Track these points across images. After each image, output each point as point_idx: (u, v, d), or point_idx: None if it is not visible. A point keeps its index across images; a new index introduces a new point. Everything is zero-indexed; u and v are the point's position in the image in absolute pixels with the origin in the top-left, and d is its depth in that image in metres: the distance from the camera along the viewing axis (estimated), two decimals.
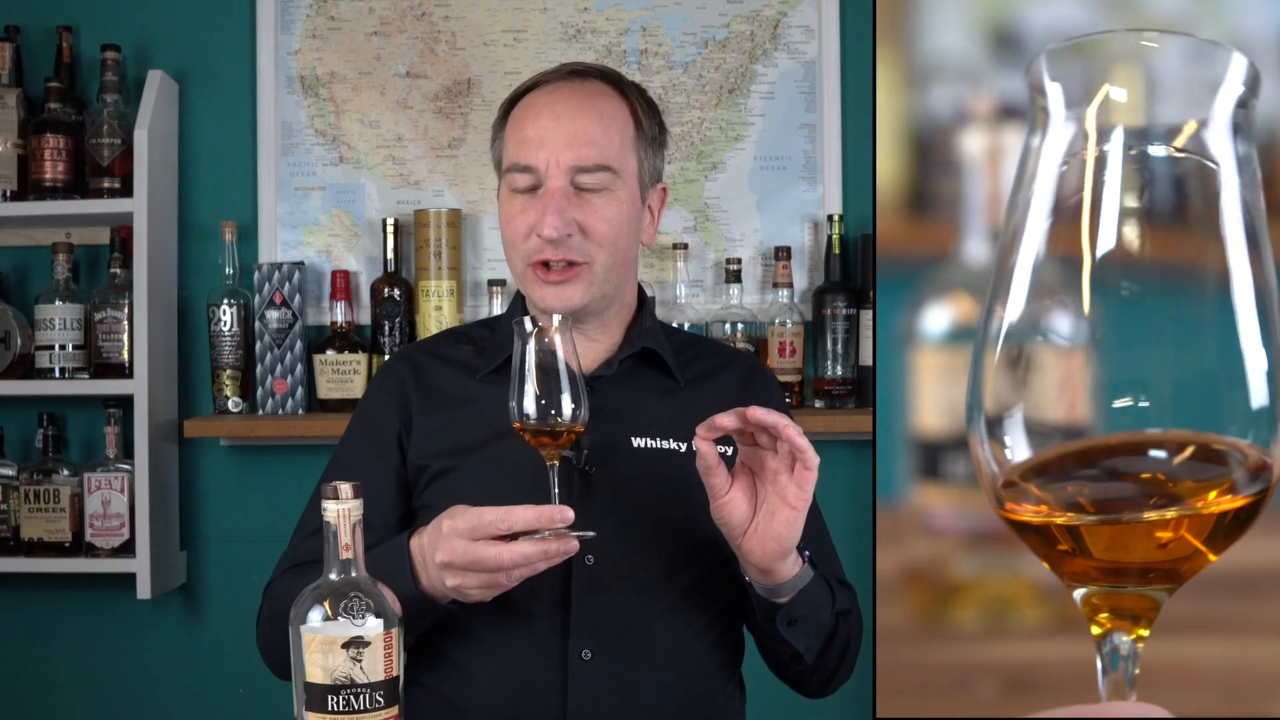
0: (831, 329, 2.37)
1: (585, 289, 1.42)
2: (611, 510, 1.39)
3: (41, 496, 2.32)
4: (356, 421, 1.53)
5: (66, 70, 2.40)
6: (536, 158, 1.41)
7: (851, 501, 2.38)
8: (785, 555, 1.27)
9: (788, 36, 2.46)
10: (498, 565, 1.20)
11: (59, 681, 2.49)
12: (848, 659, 1.45)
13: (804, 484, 1.22)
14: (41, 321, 2.34)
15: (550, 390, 1.23)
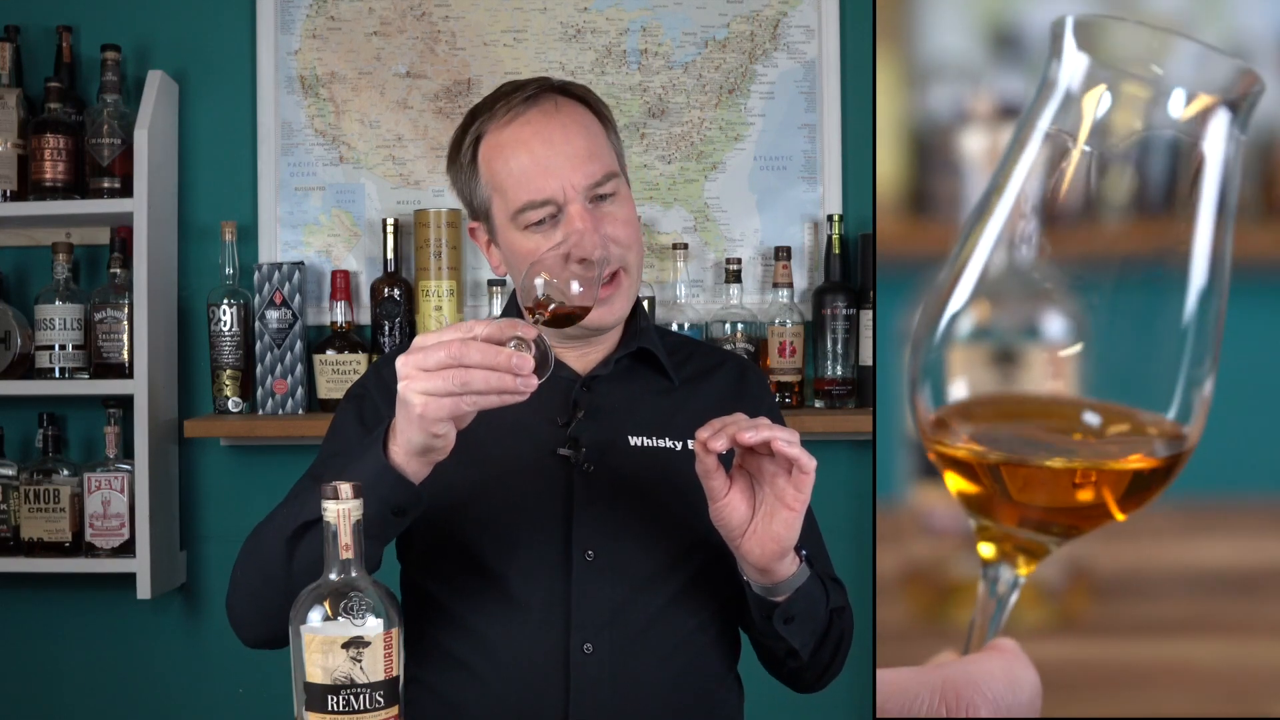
0: (831, 329, 2.37)
1: (627, 297, 1.44)
2: (610, 507, 1.40)
3: (41, 496, 2.32)
4: (346, 406, 1.51)
5: (66, 70, 2.40)
6: (550, 189, 1.38)
7: (851, 501, 2.38)
8: (784, 555, 1.27)
9: (788, 36, 2.46)
10: (463, 338, 1.11)
11: (59, 681, 2.49)
12: (840, 654, 1.46)
13: (801, 487, 1.23)
14: (41, 321, 2.34)
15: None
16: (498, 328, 1.13)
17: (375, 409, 1.46)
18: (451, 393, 1.11)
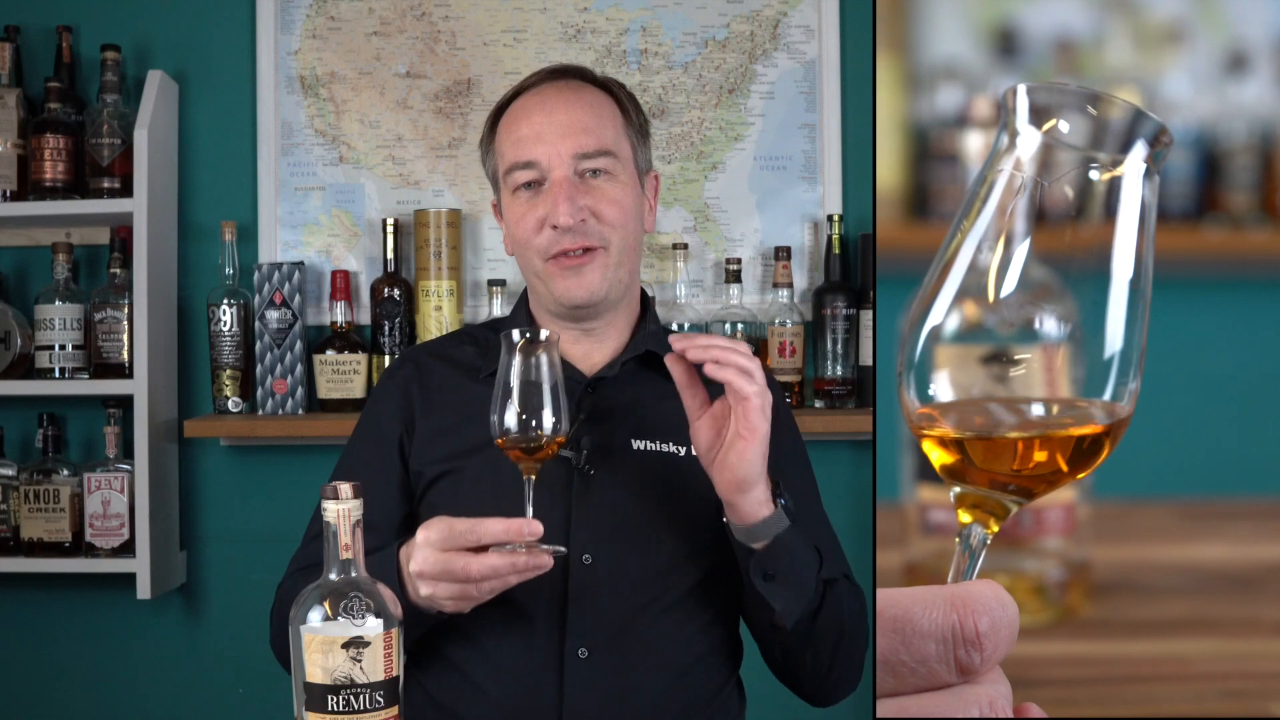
0: (831, 329, 2.37)
1: (603, 273, 1.44)
2: (610, 511, 1.40)
3: (41, 496, 2.32)
4: (362, 424, 1.55)
5: (66, 70, 2.40)
6: (536, 152, 1.43)
7: (851, 501, 2.38)
8: (741, 488, 1.27)
9: (788, 36, 2.46)
10: (466, 576, 1.22)
11: (59, 681, 2.49)
12: (842, 653, 1.41)
13: (746, 414, 1.24)
14: (41, 321, 2.34)
15: (531, 405, 1.23)
16: (494, 568, 1.22)
17: (384, 431, 1.50)
18: (469, 596, 1.25)
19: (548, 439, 1.24)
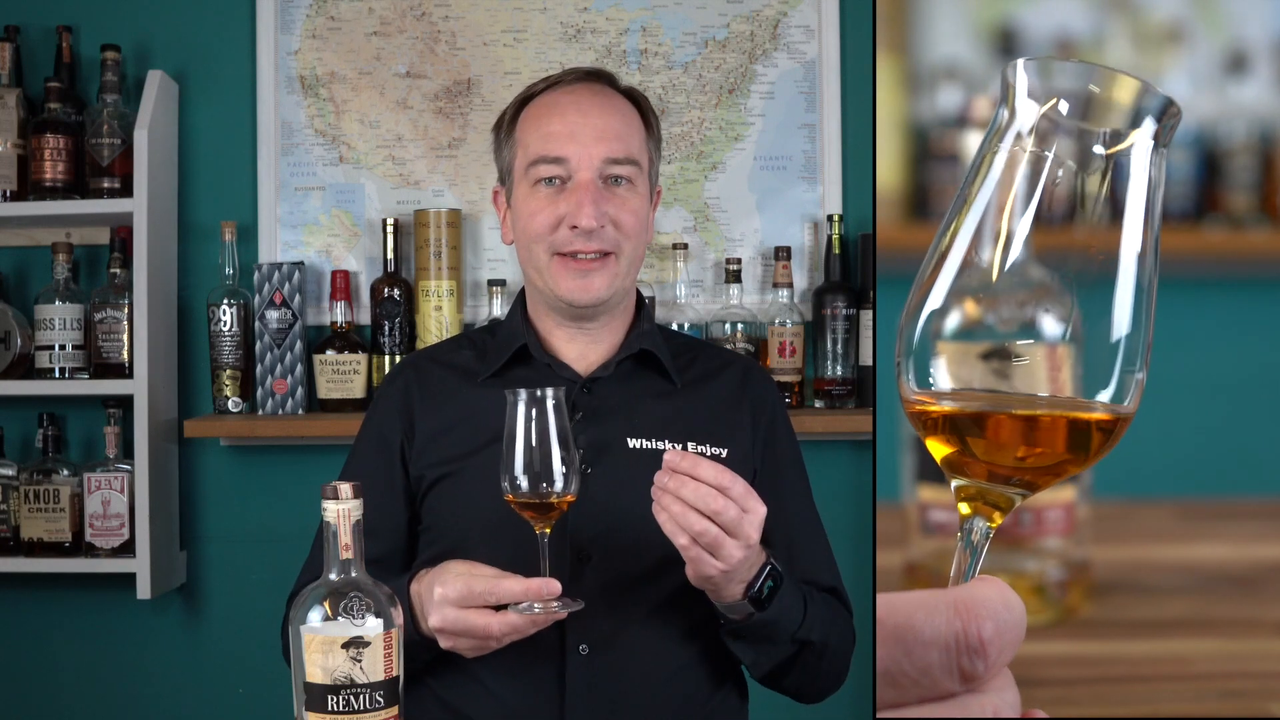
0: (831, 329, 2.37)
1: (610, 280, 1.45)
2: (607, 509, 1.41)
3: (41, 496, 2.32)
4: (363, 432, 1.56)
5: (66, 70, 2.40)
6: (568, 150, 1.43)
7: (851, 501, 2.38)
8: (706, 589, 1.29)
9: (788, 36, 2.46)
10: (487, 635, 1.24)
11: (59, 681, 2.49)
12: (824, 669, 1.44)
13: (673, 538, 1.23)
14: (41, 321, 2.34)
15: (542, 462, 1.23)
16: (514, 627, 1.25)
17: (384, 436, 1.51)
18: (489, 647, 1.28)
19: (558, 498, 1.24)
